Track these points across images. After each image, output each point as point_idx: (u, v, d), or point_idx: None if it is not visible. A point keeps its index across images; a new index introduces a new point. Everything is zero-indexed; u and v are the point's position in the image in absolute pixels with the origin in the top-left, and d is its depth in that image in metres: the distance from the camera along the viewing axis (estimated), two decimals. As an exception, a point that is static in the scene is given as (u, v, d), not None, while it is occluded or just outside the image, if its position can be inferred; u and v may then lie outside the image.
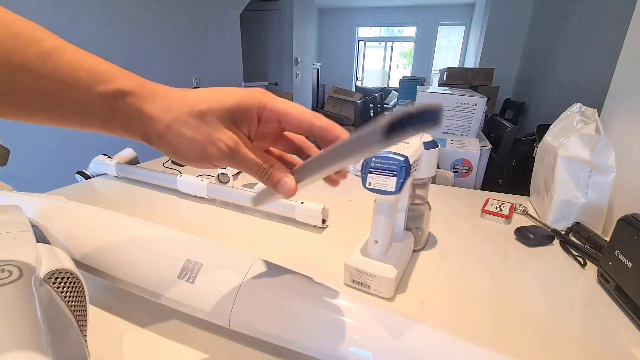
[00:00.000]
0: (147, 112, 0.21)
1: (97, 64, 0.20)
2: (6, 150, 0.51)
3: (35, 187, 0.63)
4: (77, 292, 0.27)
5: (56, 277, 0.25)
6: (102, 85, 0.20)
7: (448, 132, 1.19)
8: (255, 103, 0.22)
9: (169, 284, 0.33)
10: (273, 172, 0.23)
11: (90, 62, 0.20)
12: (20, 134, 1.59)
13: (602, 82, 0.93)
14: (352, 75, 6.89)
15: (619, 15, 1.86)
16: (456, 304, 0.42)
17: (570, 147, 0.58)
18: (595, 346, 0.36)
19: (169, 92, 0.22)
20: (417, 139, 0.44)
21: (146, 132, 0.21)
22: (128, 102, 0.21)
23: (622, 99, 0.66)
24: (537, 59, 3.30)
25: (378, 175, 0.38)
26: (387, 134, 0.16)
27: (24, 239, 0.27)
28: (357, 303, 0.31)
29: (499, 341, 0.37)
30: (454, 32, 6.09)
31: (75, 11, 1.74)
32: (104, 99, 0.20)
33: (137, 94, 0.21)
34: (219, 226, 0.62)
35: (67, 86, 0.19)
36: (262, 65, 4.79)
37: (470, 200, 0.74)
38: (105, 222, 0.42)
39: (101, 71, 0.20)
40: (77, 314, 0.26)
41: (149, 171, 0.78)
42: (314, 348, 0.29)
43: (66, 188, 0.77)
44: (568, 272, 0.49)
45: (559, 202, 0.60)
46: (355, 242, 0.47)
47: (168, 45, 2.41)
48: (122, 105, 0.21)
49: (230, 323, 0.31)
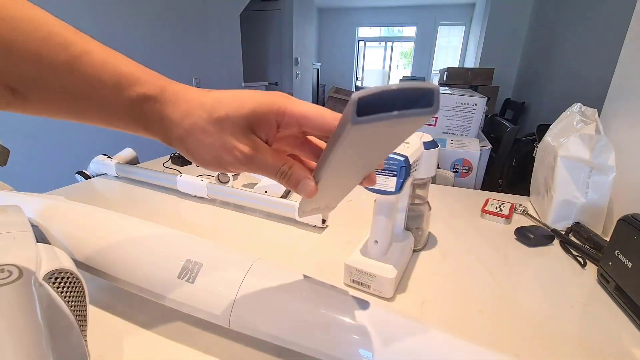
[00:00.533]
0: (168, 117, 0.22)
1: (123, 67, 0.21)
2: (6, 150, 0.51)
3: (35, 187, 0.63)
4: (77, 292, 0.27)
5: (56, 277, 0.25)
6: (127, 90, 0.21)
7: (448, 132, 1.19)
8: (274, 109, 0.21)
9: (169, 284, 0.33)
10: (292, 173, 0.22)
11: (117, 65, 0.21)
12: (21, 134, 1.59)
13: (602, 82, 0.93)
14: (352, 75, 6.89)
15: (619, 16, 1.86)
16: (456, 304, 0.42)
17: (570, 147, 0.58)
18: (595, 346, 0.36)
19: (189, 93, 0.22)
20: (417, 139, 0.44)
21: (167, 135, 0.22)
22: (151, 107, 0.22)
23: (622, 99, 0.66)
24: (537, 59, 3.30)
25: (378, 175, 0.38)
26: (360, 115, 0.14)
27: (24, 239, 0.27)
28: (357, 303, 0.31)
29: (499, 341, 0.37)
30: (454, 32, 6.09)
31: (75, 11, 1.74)
32: (128, 104, 0.21)
33: (160, 99, 0.22)
34: (219, 226, 0.62)
35: (93, 89, 0.20)
36: (262, 65, 4.79)
37: (470, 200, 0.74)
38: (106, 222, 0.42)
39: (126, 74, 0.21)
40: (77, 314, 0.26)
41: (149, 171, 0.78)
42: (314, 348, 0.29)
43: (66, 188, 0.77)
44: (568, 272, 0.49)
45: (559, 202, 0.60)
46: (355, 242, 0.47)
47: (168, 45, 2.41)
48: (145, 109, 0.22)
49: (230, 323, 0.31)
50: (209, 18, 2.88)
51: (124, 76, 0.21)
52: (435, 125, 1.20)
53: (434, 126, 1.20)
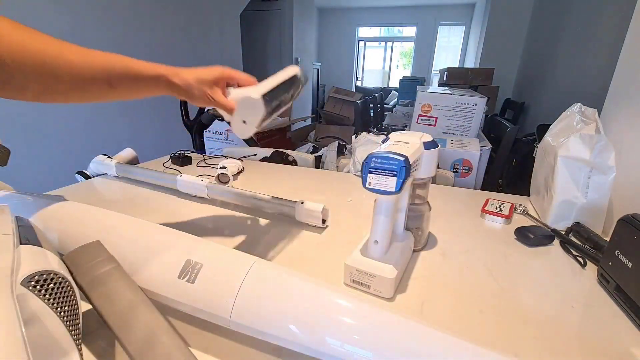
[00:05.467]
0: (175, 83, 0.42)
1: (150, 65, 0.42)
2: (6, 150, 0.51)
3: (35, 187, 0.63)
4: (65, 294, 0.26)
5: (37, 279, 0.24)
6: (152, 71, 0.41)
7: (448, 132, 1.19)
8: (226, 75, 0.44)
9: (169, 284, 0.34)
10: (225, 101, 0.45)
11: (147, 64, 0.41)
12: (21, 134, 1.59)
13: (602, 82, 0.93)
14: (352, 75, 6.88)
15: (619, 16, 1.86)
16: (456, 304, 0.42)
17: (570, 147, 0.58)
18: (595, 346, 0.36)
19: (184, 72, 0.42)
20: (417, 139, 0.44)
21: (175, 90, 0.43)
22: (165, 78, 0.42)
23: (622, 99, 0.66)
24: (537, 59, 3.30)
25: (378, 175, 0.38)
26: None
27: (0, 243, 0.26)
28: (357, 303, 0.31)
29: (499, 341, 0.37)
30: (454, 32, 6.09)
31: (75, 12, 1.74)
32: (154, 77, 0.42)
33: (170, 74, 0.42)
34: (219, 226, 0.62)
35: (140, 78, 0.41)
36: (262, 65, 4.78)
37: (470, 200, 0.74)
38: (105, 222, 0.42)
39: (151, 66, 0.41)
40: (66, 317, 0.25)
41: (149, 171, 0.78)
42: (313, 348, 0.29)
43: (66, 188, 0.77)
44: (568, 272, 0.49)
45: (559, 202, 0.60)
46: (355, 242, 0.47)
47: (168, 45, 2.41)
48: (162, 80, 0.42)
49: (230, 323, 0.31)
50: (209, 18, 2.88)
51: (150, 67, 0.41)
52: (435, 125, 1.20)
53: (434, 126, 1.20)
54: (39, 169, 1.68)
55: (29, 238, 0.29)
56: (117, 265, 0.34)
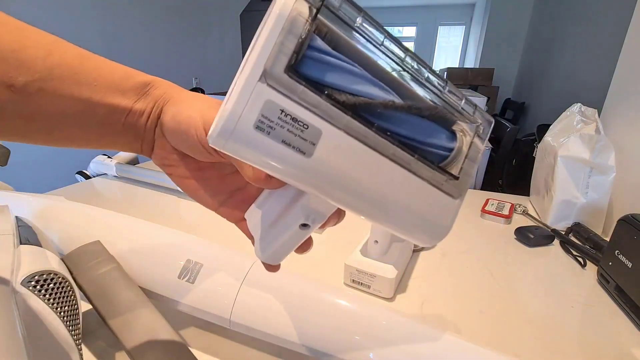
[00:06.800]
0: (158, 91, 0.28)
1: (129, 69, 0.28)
2: (6, 150, 0.51)
3: (35, 187, 0.63)
4: (65, 294, 0.26)
5: (37, 279, 0.24)
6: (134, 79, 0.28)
7: (448, 132, 1.19)
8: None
9: (169, 284, 0.33)
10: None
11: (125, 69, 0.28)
12: (20, 134, 1.59)
13: (602, 82, 0.93)
14: (352, 75, 6.89)
15: (619, 16, 1.86)
16: (456, 304, 0.42)
17: (570, 147, 0.58)
18: (595, 346, 0.36)
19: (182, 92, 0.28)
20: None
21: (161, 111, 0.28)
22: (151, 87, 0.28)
23: (622, 99, 0.66)
24: (537, 59, 3.30)
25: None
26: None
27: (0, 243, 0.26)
28: (357, 303, 0.31)
29: (499, 341, 0.37)
30: (454, 32, 6.09)
31: (75, 12, 1.74)
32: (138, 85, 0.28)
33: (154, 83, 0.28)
34: (219, 226, 0.62)
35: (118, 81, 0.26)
36: (262, 65, 4.79)
37: (470, 200, 0.74)
38: (105, 222, 0.42)
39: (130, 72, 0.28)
40: (66, 317, 0.25)
41: (149, 171, 0.78)
42: (314, 348, 0.29)
43: (66, 188, 0.77)
44: (568, 272, 0.49)
45: (559, 202, 0.59)
46: (355, 242, 0.47)
47: (168, 45, 2.42)
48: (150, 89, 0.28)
49: (230, 323, 0.31)
50: (209, 18, 2.88)
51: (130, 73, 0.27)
52: (435, 125, 1.19)
53: (434, 126, 1.19)
54: (39, 169, 1.68)
55: (29, 238, 0.29)
56: (117, 265, 0.34)
